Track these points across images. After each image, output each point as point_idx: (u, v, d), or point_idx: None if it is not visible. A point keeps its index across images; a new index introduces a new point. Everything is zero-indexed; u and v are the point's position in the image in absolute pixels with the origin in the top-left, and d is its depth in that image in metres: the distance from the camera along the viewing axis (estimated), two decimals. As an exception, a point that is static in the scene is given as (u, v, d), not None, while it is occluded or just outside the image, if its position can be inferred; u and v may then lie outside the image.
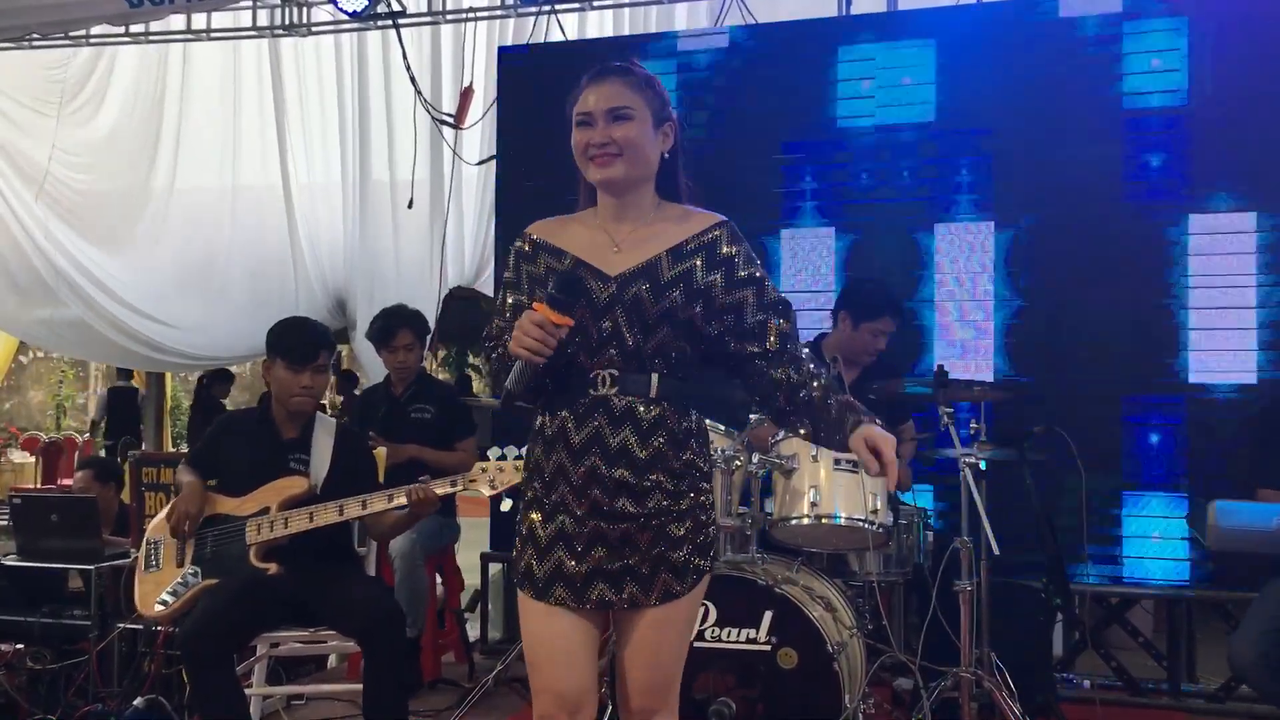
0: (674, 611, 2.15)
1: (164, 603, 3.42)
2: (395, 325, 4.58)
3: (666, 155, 2.22)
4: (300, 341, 3.53)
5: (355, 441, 3.73)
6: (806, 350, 2.25)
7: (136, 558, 3.65)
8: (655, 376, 2.13)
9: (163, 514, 3.54)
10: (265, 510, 3.42)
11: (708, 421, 3.50)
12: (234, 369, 10.45)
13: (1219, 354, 4.27)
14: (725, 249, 2.19)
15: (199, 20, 6.65)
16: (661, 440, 2.13)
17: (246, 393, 13.60)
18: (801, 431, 2.19)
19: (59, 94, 7.58)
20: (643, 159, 2.17)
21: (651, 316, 2.12)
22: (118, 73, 7.54)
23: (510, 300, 2.26)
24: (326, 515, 3.36)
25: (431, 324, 5.16)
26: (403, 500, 3.36)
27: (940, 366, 3.67)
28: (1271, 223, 4.24)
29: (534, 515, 2.18)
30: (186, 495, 3.45)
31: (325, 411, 4.12)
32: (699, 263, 2.16)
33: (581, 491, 2.12)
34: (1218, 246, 4.28)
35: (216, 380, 9.64)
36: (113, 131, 7.60)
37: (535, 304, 2.06)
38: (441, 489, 3.36)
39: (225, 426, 3.77)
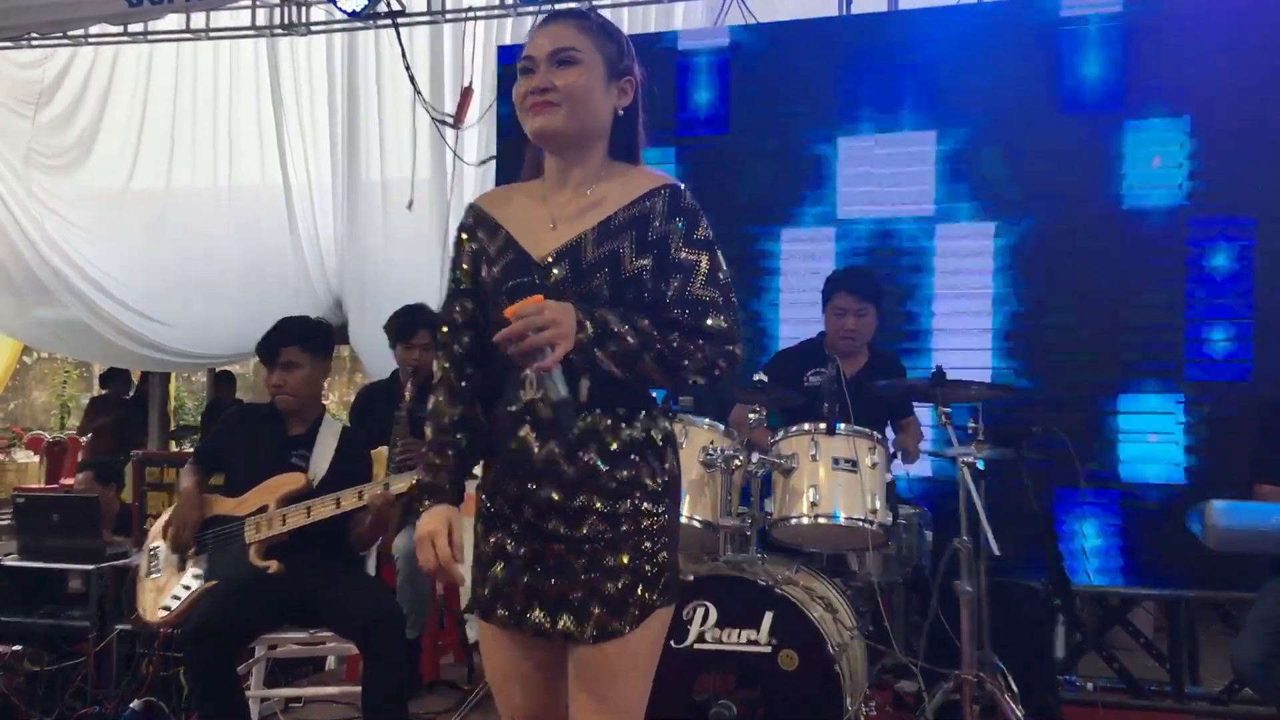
0: (622, 654, 1.83)
1: (167, 608, 3.43)
2: (418, 324, 4.52)
3: (621, 113, 1.93)
4: (266, 340, 3.56)
5: (357, 441, 3.73)
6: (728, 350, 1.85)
7: (138, 563, 3.65)
8: (585, 379, 1.81)
9: (162, 520, 3.54)
10: (264, 508, 3.42)
11: (704, 420, 3.57)
12: (235, 369, 10.41)
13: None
14: (661, 224, 1.86)
15: (197, 20, 6.63)
16: (593, 455, 1.83)
17: (249, 393, 13.55)
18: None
19: (39, 94, 7.56)
20: (588, 111, 1.87)
21: None
22: (105, 72, 7.51)
23: (452, 278, 1.99)
24: (323, 509, 3.36)
25: (431, 324, 5.13)
26: (401, 487, 3.34)
27: (938, 366, 3.63)
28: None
29: (478, 528, 1.95)
30: (182, 503, 3.48)
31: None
32: (628, 244, 1.85)
33: (516, 508, 1.88)
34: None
35: (221, 383, 9.59)
36: (108, 131, 7.57)
37: (506, 311, 1.74)
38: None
39: (238, 418, 3.80)
